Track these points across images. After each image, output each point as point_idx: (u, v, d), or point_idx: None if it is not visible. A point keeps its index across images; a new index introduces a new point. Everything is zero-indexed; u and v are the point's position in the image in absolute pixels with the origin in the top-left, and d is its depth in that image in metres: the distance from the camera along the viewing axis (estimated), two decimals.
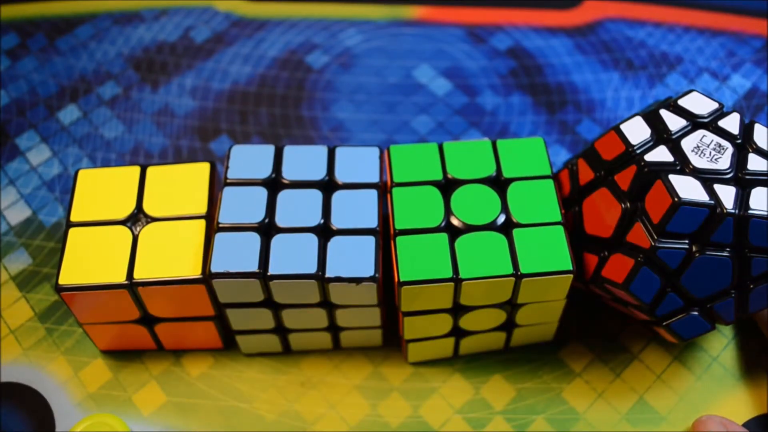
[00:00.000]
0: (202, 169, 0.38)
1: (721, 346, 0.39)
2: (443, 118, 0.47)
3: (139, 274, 0.34)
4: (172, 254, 0.35)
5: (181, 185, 0.37)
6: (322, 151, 0.37)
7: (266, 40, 0.51)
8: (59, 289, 0.34)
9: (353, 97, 0.48)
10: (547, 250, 0.33)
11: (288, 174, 0.36)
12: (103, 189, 0.37)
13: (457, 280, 0.33)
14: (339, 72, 0.49)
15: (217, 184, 0.38)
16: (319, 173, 0.36)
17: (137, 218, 0.36)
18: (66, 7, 0.52)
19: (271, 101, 0.48)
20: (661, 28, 0.51)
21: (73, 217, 0.36)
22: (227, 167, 0.36)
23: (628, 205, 0.33)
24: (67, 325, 0.40)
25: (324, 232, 0.35)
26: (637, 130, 0.34)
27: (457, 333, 0.37)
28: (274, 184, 0.36)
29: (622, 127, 0.34)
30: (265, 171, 0.36)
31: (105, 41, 0.51)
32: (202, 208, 0.36)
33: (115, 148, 0.46)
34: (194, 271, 0.35)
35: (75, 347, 0.39)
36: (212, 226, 0.36)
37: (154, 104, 0.48)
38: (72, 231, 0.36)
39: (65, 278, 0.34)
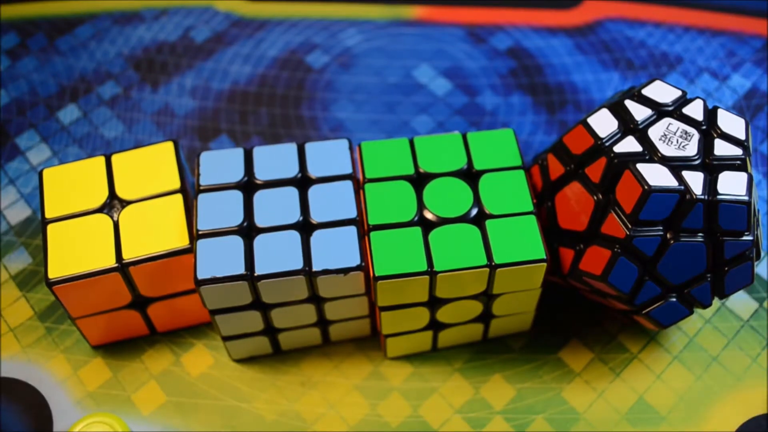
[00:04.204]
0: (166, 148, 0.38)
1: (720, 346, 0.39)
2: (443, 118, 0.47)
3: (128, 255, 0.35)
4: (155, 231, 0.36)
5: (149, 167, 0.37)
6: (291, 148, 0.37)
7: (266, 40, 0.51)
8: (50, 283, 0.34)
9: (353, 97, 0.48)
10: (520, 240, 0.34)
11: (261, 174, 0.36)
12: (71, 183, 0.37)
13: (432, 273, 0.33)
14: (339, 72, 0.49)
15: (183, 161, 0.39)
16: (292, 170, 0.36)
17: (112, 204, 0.36)
18: (66, 7, 0.52)
19: (271, 101, 0.48)
20: (661, 28, 0.51)
21: (48, 214, 0.36)
22: (198, 174, 0.36)
23: (601, 197, 0.33)
24: (66, 324, 0.40)
25: (305, 227, 0.35)
26: (604, 123, 0.34)
27: (435, 326, 0.37)
28: (248, 186, 0.36)
29: (590, 120, 0.34)
30: (237, 174, 0.36)
31: (105, 41, 0.51)
32: (176, 184, 0.37)
33: (115, 147, 0.46)
34: (181, 241, 0.35)
35: (74, 346, 0.39)
36: (188, 199, 0.36)
37: (154, 104, 0.48)
38: (50, 227, 0.36)
39: (54, 272, 0.35)
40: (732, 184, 0.32)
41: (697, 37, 0.50)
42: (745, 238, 0.33)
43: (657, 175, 0.32)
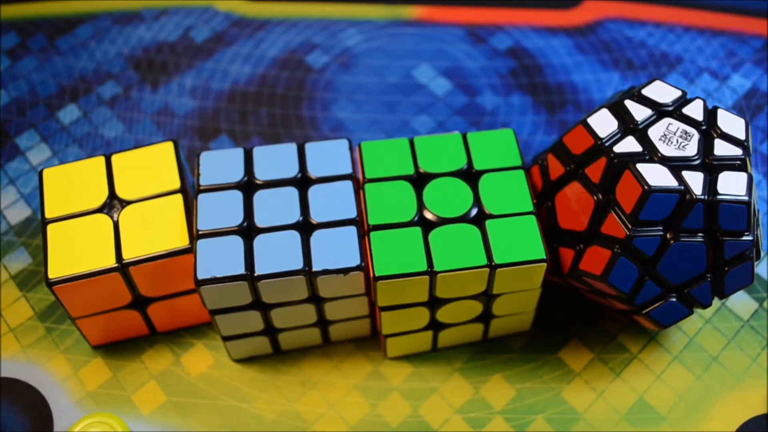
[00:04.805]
0: (166, 148, 0.38)
1: (720, 346, 0.39)
2: (443, 118, 0.47)
3: (128, 255, 0.35)
4: (155, 231, 0.36)
5: (149, 167, 0.38)
6: (291, 148, 0.37)
7: (266, 40, 0.51)
8: (50, 283, 0.34)
9: (353, 97, 0.48)
10: (520, 240, 0.34)
11: (261, 174, 0.36)
12: (71, 183, 0.37)
13: (431, 273, 0.33)
14: (339, 72, 0.49)
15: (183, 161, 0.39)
16: (292, 170, 0.36)
17: (112, 205, 0.37)
18: (66, 7, 0.52)
19: (271, 101, 0.48)
20: (661, 28, 0.51)
21: (48, 214, 0.36)
22: (198, 174, 0.36)
23: (601, 197, 0.33)
24: (66, 324, 0.40)
25: (305, 227, 0.35)
26: (604, 123, 0.34)
27: (435, 326, 0.37)
28: (248, 186, 0.36)
29: (590, 120, 0.34)
30: (237, 174, 0.36)
31: (105, 41, 0.51)
32: (176, 184, 0.37)
33: (115, 147, 0.46)
34: (181, 242, 0.35)
35: (74, 346, 0.39)
36: (188, 199, 0.36)
37: (154, 104, 0.48)
38: (50, 227, 0.36)
39: (54, 272, 0.35)
40: (732, 184, 0.32)
41: (697, 37, 0.50)
42: (745, 238, 0.33)
43: (657, 175, 0.32)
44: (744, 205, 0.32)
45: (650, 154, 0.33)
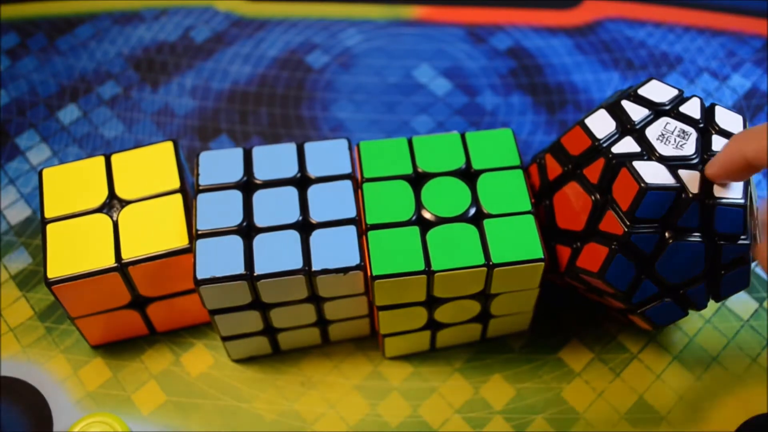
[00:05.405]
0: (166, 148, 0.38)
1: (720, 346, 0.39)
2: (443, 118, 0.47)
3: (127, 255, 0.35)
4: (154, 231, 0.36)
5: (148, 166, 0.38)
6: (291, 148, 0.37)
7: (266, 40, 0.51)
8: (49, 283, 0.34)
9: (353, 97, 0.48)
10: (518, 240, 0.34)
11: (260, 174, 0.36)
12: (71, 183, 0.37)
13: (429, 272, 0.33)
14: (339, 72, 0.49)
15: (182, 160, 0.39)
16: (291, 170, 0.36)
17: (112, 204, 0.37)
18: (66, 7, 0.52)
19: (271, 101, 0.48)
20: (661, 28, 0.51)
21: (48, 214, 0.36)
22: (197, 174, 0.36)
23: (599, 197, 0.33)
24: (66, 324, 0.40)
25: (304, 226, 0.35)
26: (601, 124, 0.34)
27: (433, 326, 0.37)
28: (247, 186, 0.36)
29: (587, 121, 0.34)
30: (236, 174, 0.36)
31: (105, 41, 0.51)
32: (175, 184, 0.37)
33: (115, 147, 0.46)
34: (180, 241, 0.35)
35: (74, 346, 0.39)
36: (188, 198, 0.37)
37: (154, 104, 0.48)
38: (50, 227, 0.36)
39: (53, 272, 0.35)
40: (728, 187, 0.32)
41: (697, 37, 0.50)
42: (741, 241, 0.33)
43: (654, 173, 0.32)
44: (740, 209, 0.32)
45: (648, 154, 0.33)
